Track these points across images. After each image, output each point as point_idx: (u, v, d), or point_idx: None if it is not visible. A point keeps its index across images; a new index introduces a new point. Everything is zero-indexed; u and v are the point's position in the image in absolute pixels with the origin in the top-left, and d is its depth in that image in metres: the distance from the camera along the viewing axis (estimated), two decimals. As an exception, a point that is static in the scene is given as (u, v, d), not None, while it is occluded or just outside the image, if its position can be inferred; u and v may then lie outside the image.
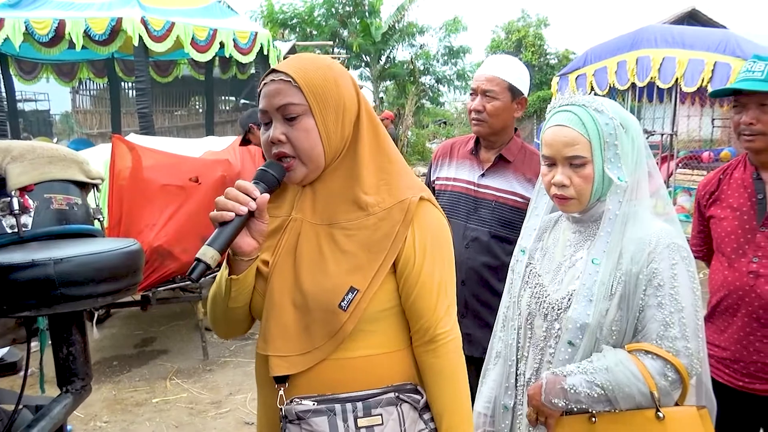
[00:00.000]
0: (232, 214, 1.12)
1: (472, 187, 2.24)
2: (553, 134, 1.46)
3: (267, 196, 1.17)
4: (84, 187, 1.47)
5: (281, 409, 1.21)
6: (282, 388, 1.22)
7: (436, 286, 1.25)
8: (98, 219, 1.48)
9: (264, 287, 1.26)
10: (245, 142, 5.23)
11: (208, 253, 1.09)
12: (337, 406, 1.19)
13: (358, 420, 1.19)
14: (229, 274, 1.21)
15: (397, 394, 1.23)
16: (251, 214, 1.15)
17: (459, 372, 1.29)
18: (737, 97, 1.85)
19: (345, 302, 1.19)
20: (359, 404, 1.20)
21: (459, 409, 1.27)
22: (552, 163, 1.48)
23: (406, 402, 1.23)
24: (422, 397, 1.27)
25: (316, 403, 1.19)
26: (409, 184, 1.28)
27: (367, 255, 1.22)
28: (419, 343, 1.27)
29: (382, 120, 9.96)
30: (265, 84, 1.22)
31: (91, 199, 1.54)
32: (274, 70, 1.22)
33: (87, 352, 1.33)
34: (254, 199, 1.14)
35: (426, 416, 1.27)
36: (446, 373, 1.27)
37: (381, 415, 1.20)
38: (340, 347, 1.22)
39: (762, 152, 1.84)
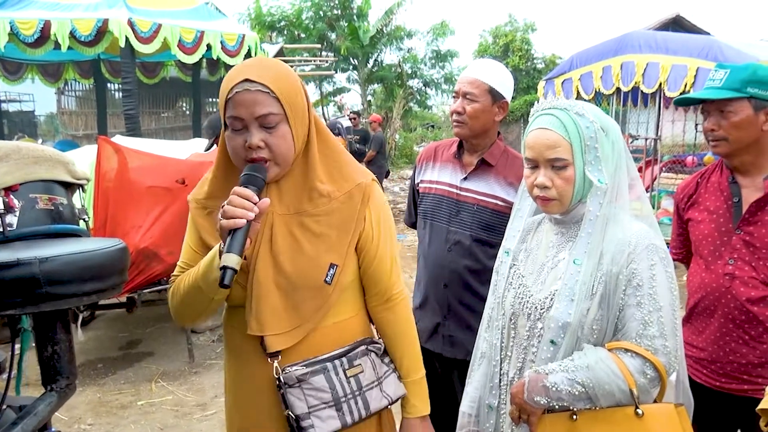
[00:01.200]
0: (244, 221, 1.22)
1: (454, 190, 2.24)
2: (536, 137, 1.49)
3: (268, 201, 1.28)
4: (69, 187, 1.47)
5: (278, 378, 1.38)
6: (275, 361, 1.39)
7: (389, 257, 1.52)
8: (84, 219, 1.48)
9: (243, 279, 1.38)
10: (213, 146, 4.92)
11: (233, 260, 1.18)
12: (329, 364, 1.41)
13: (346, 371, 1.43)
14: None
15: (365, 346, 1.49)
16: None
17: (411, 322, 1.59)
18: (702, 104, 1.90)
19: (329, 277, 1.40)
20: (344, 359, 1.44)
21: (415, 351, 1.58)
22: (534, 165, 1.51)
23: (372, 351, 1.50)
24: (381, 345, 1.55)
25: (306, 367, 1.39)
26: (357, 170, 1.49)
27: (337, 234, 1.42)
28: (378, 303, 1.54)
29: (370, 123, 9.77)
30: (237, 92, 1.30)
31: (77, 199, 1.54)
32: (248, 80, 1.30)
33: (72, 351, 1.33)
34: (255, 204, 1.24)
35: (386, 360, 1.54)
36: (402, 323, 1.56)
37: (360, 364, 1.46)
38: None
39: (730, 157, 1.89)
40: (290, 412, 1.36)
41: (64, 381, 1.31)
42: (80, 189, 1.50)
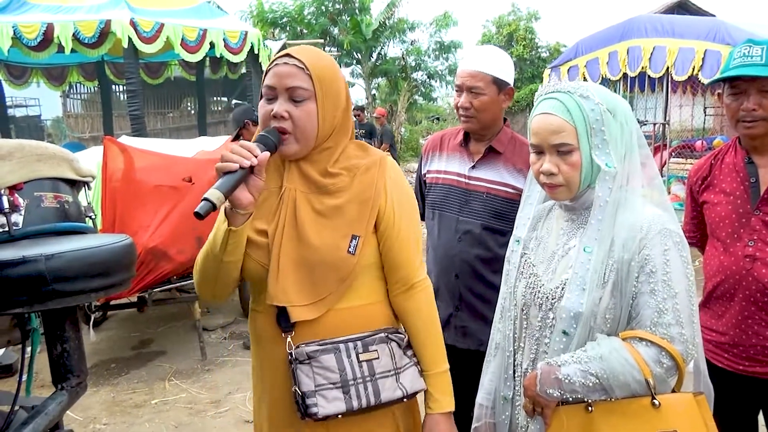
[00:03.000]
0: (237, 165, 1.27)
1: (462, 179, 2.21)
2: (539, 122, 1.45)
3: (268, 153, 1.32)
4: (74, 184, 1.45)
5: (290, 353, 1.38)
6: (289, 336, 1.41)
7: (411, 242, 1.50)
8: (90, 217, 1.46)
9: (262, 256, 1.42)
10: (237, 137, 5.28)
11: (214, 195, 1.22)
12: (341, 345, 1.40)
13: (359, 355, 1.40)
14: (228, 226, 1.35)
15: (386, 334, 1.46)
16: (251, 170, 1.30)
17: (434, 312, 1.55)
18: (735, 83, 1.81)
19: (352, 248, 1.42)
20: (359, 343, 1.42)
21: (437, 343, 1.54)
22: (540, 151, 1.47)
23: (394, 341, 1.47)
24: (405, 336, 1.51)
25: (318, 346, 1.39)
26: (374, 149, 1.55)
27: (357, 206, 1.44)
28: (399, 292, 1.50)
29: (376, 118, 9.86)
30: (276, 64, 1.40)
31: (84, 197, 1.53)
32: (288, 54, 1.40)
33: (82, 349, 1.32)
34: (255, 157, 1.29)
35: (408, 353, 1.50)
36: (425, 313, 1.52)
37: (377, 350, 1.43)
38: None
39: (759, 137, 1.82)
40: (297, 389, 1.36)
41: (75, 379, 1.29)
42: (86, 186, 1.48)
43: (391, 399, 1.42)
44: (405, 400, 1.45)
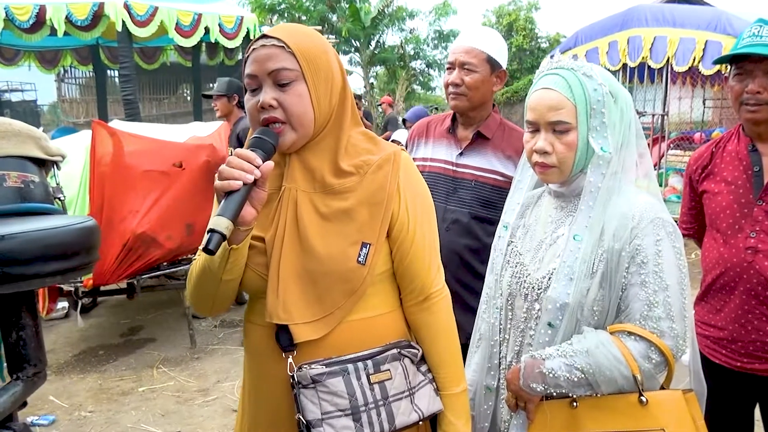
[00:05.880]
0: (240, 183, 1.11)
1: (450, 167, 2.14)
2: (538, 98, 1.39)
3: (271, 163, 1.17)
4: (44, 164, 1.38)
5: (292, 376, 1.22)
6: (290, 356, 1.24)
7: (428, 249, 1.34)
8: (59, 198, 1.39)
9: (261, 263, 1.26)
10: (210, 97, 5.46)
11: (222, 223, 1.08)
12: (350, 366, 1.24)
13: (370, 377, 1.25)
14: (229, 244, 1.19)
15: (398, 350, 1.30)
16: (254, 183, 1.14)
17: (452, 326, 1.39)
18: (741, 64, 1.75)
19: (362, 257, 1.25)
20: (369, 362, 1.25)
21: (455, 361, 1.38)
22: (535, 129, 1.41)
23: (407, 357, 1.31)
24: (419, 351, 1.35)
25: (325, 367, 1.23)
26: (387, 144, 1.36)
27: (368, 209, 1.26)
28: (414, 303, 1.35)
29: (380, 104, 9.85)
30: (254, 49, 1.23)
31: (56, 177, 1.46)
32: (264, 36, 1.22)
33: (40, 337, 1.25)
34: (257, 167, 1.14)
35: (423, 368, 1.35)
36: (441, 328, 1.36)
37: (389, 370, 1.27)
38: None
39: (762, 123, 1.75)
40: (301, 417, 1.20)
41: (32, 369, 1.22)
42: (55, 166, 1.41)
43: (406, 424, 1.27)
44: (421, 423, 1.31)
